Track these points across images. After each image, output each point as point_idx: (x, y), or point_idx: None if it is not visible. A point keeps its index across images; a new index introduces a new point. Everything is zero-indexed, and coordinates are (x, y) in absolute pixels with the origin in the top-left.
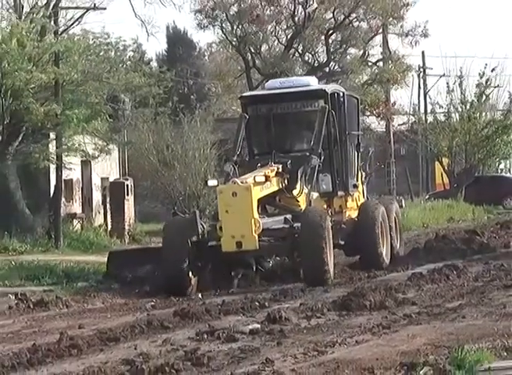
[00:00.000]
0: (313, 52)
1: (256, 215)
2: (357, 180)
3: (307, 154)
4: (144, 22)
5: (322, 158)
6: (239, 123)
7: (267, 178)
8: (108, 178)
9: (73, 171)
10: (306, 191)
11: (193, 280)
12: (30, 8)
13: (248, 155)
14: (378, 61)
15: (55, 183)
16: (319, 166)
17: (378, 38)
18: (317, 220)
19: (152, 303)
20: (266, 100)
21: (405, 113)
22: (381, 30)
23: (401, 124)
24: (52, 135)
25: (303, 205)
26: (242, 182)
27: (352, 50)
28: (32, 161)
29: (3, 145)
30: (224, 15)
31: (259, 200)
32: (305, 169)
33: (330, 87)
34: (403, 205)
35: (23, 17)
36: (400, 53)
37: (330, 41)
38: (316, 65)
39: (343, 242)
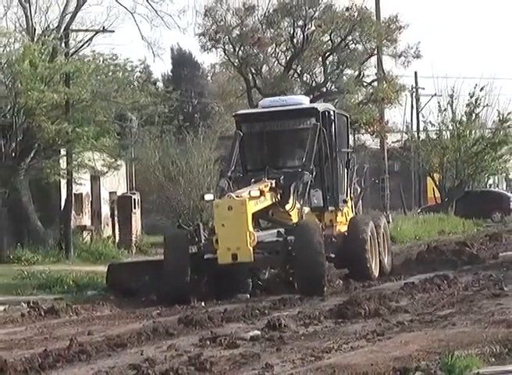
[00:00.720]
0: (311, 73)
1: (251, 228)
2: (347, 196)
3: (300, 170)
4: (151, 44)
5: (314, 174)
6: (233, 141)
7: (261, 193)
8: (116, 192)
9: (83, 186)
10: (298, 205)
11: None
12: (42, 31)
13: (242, 171)
14: (372, 81)
15: (65, 197)
16: (311, 181)
17: (373, 60)
18: (312, 233)
19: (158, 311)
20: (260, 118)
21: (398, 131)
22: (375, 52)
23: (395, 142)
24: (63, 152)
25: (295, 219)
26: (237, 196)
27: (348, 71)
28: (43, 176)
29: (16, 161)
30: (226, 38)
31: (253, 214)
32: (297, 184)
33: (321, 106)
34: (391, 220)
35: (36, 39)
36: (394, 74)
37: (327, 62)
38: (314, 85)
39: (333, 255)
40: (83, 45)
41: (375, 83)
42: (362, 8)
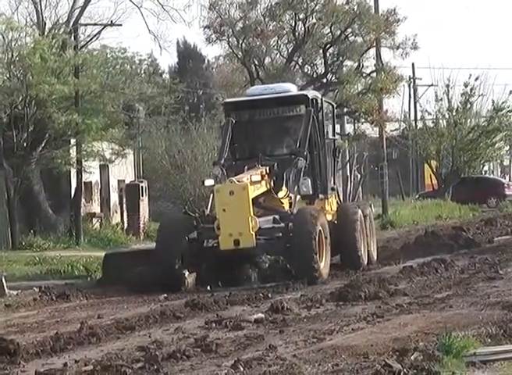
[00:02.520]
0: (312, 64)
1: (252, 213)
2: (334, 184)
3: (293, 156)
4: (157, 37)
5: (308, 160)
6: (225, 128)
7: (262, 177)
8: (124, 180)
9: (92, 174)
10: (292, 192)
11: (191, 277)
12: (52, 25)
13: (231, 159)
14: (371, 72)
15: (75, 185)
16: (305, 167)
17: (372, 51)
18: (308, 219)
19: (165, 295)
20: (249, 106)
21: (397, 120)
22: (374, 44)
23: (393, 130)
24: (73, 141)
25: (287, 207)
26: (238, 181)
27: (348, 62)
28: (54, 165)
29: (28, 151)
30: (230, 30)
31: (252, 200)
32: (291, 171)
33: (311, 93)
34: (373, 209)
35: (46, 33)
36: (392, 65)
37: (328, 54)
38: (315, 76)
39: None
40: (91, 39)
41: (374, 74)
42: (361, 1)
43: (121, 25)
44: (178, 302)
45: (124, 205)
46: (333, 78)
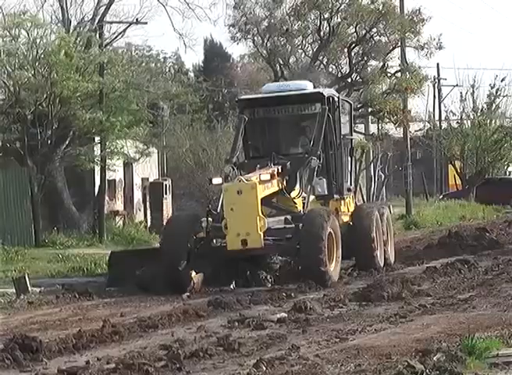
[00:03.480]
0: (336, 64)
1: (261, 213)
2: (351, 185)
3: (307, 155)
4: (182, 35)
5: (322, 160)
6: (237, 125)
7: (272, 177)
8: (148, 178)
9: (116, 172)
10: (306, 192)
11: (198, 277)
12: (77, 23)
13: (245, 157)
14: (396, 72)
15: (99, 183)
16: (319, 167)
17: (397, 51)
18: (318, 220)
19: (188, 294)
20: (263, 103)
21: (421, 120)
22: (399, 44)
23: (417, 130)
24: (97, 139)
25: (300, 207)
26: (247, 180)
27: (372, 62)
28: (78, 163)
29: (52, 148)
30: (255, 29)
31: (261, 199)
32: (305, 170)
33: (326, 91)
34: (392, 211)
35: (71, 31)
36: (417, 65)
37: (352, 53)
38: (339, 76)
39: None
40: (116, 37)
41: (399, 74)
42: (386, 1)
43: (146, 23)
44: (201, 301)
45: (148, 204)
46: (358, 78)
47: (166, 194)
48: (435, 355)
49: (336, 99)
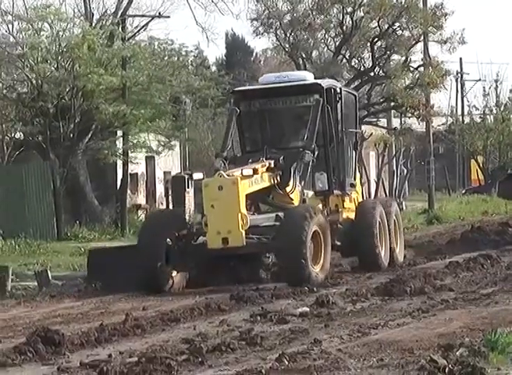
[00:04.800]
0: (359, 58)
1: (243, 210)
2: (355, 180)
3: (301, 149)
4: (205, 29)
5: (316, 154)
6: (229, 118)
7: (255, 171)
8: (170, 172)
9: (138, 165)
10: (299, 187)
11: (180, 277)
12: (100, 16)
13: (241, 151)
14: (419, 66)
15: (121, 176)
16: (313, 161)
17: (419, 45)
18: (298, 220)
19: (210, 288)
20: (259, 95)
21: (443, 115)
22: (422, 38)
23: (440, 125)
24: (119, 133)
25: (296, 203)
26: (228, 175)
27: (395, 56)
28: (101, 156)
29: (74, 142)
30: (278, 23)
31: (248, 195)
32: (298, 165)
33: (326, 82)
34: (404, 207)
35: (94, 24)
36: (439, 59)
37: (375, 47)
38: (362, 70)
39: (339, 243)
40: (139, 30)
41: (421, 69)
42: None
43: (169, 17)
44: (223, 295)
45: (170, 197)
46: (381, 72)
47: (188, 187)
48: (457, 350)
49: (338, 91)
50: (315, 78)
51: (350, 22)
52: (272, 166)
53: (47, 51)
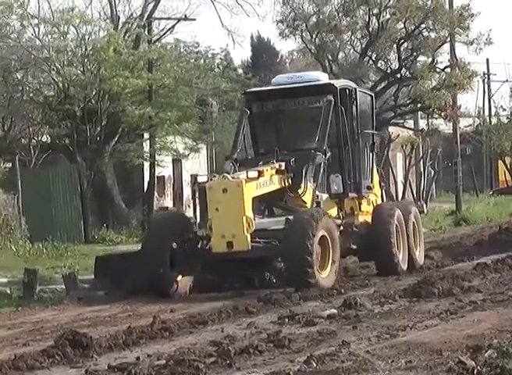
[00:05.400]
0: (385, 60)
1: (248, 213)
2: (372, 182)
3: (312, 151)
4: (231, 31)
5: (328, 155)
6: (239, 120)
7: (260, 174)
8: (196, 175)
9: (165, 168)
10: (311, 190)
11: (185, 281)
12: (126, 19)
13: (254, 153)
14: (445, 67)
15: (148, 179)
16: (325, 163)
17: (446, 46)
18: (305, 223)
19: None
20: (272, 96)
21: (470, 116)
22: (448, 39)
23: (467, 126)
24: (146, 135)
25: (309, 206)
26: (233, 178)
27: (422, 57)
28: (127, 159)
29: (101, 145)
30: (304, 25)
31: (259, 199)
32: (309, 167)
33: (340, 82)
34: (425, 210)
35: (120, 27)
36: (466, 60)
37: (401, 49)
38: (388, 71)
39: (354, 246)
40: (165, 33)
41: (448, 70)
42: None
43: (195, 19)
44: (251, 297)
45: (197, 200)
46: (407, 73)
47: None
48: (486, 352)
49: (353, 91)
50: (330, 78)
51: (376, 23)
52: (283, 168)
53: (73, 55)
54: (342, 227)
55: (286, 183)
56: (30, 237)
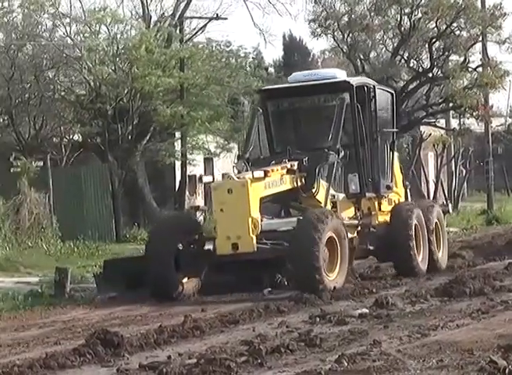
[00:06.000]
0: (417, 59)
1: (254, 214)
2: (392, 181)
3: (325, 150)
4: (262, 31)
5: (341, 154)
6: (251, 118)
7: (266, 174)
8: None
9: (197, 167)
10: (324, 190)
11: (191, 283)
12: (158, 18)
13: (269, 152)
14: (477, 67)
15: (179, 178)
16: (338, 163)
17: (478, 46)
18: (311, 224)
19: (269, 289)
20: (287, 94)
21: (502, 115)
22: (480, 39)
23: (499, 125)
24: (178, 134)
25: (323, 206)
26: (239, 178)
27: (453, 57)
28: (159, 158)
29: (132, 143)
30: (336, 24)
31: (266, 198)
32: (322, 166)
33: (356, 80)
34: (451, 210)
35: (151, 26)
36: (498, 59)
37: (433, 48)
38: (420, 70)
39: (371, 247)
40: (197, 32)
41: (480, 69)
42: None
43: (226, 18)
44: (282, 296)
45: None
46: (439, 73)
47: None
48: None
49: (372, 88)
50: (347, 76)
51: (408, 23)
52: (295, 167)
53: (104, 53)
54: (359, 228)
55: (299, 183)
56: (62, 235)
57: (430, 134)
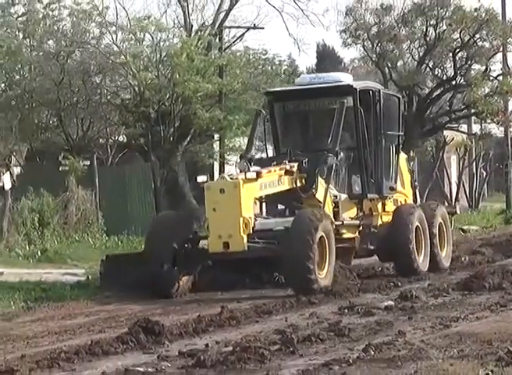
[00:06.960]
0: (442, 67)
1: (246, 213)
2: (396, 183)
3: (325, 152)
4: (296, 40)
5: (340, 157)
6: (254, 120)
7: (258, 175)
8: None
9: (234, 167)
10: (323, 190)
11: (187, 280)
12: (198, 27)
13: (275, 152)
14: (498, 76)
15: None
16: (337, 165)
17: (499, 56)
18: (305, 223)
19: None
20: (292, 96)
21: None
22: (501, 49)
23: None
24: (216, 137)
25: (323, 206)
26: (232, 178)
27: (476, 66)
28: (198, 159)
29: (174, 145)
30: (365, 34)
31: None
32: (321, 168)
33: (360, 84)
34: (458, 211)
35: (192, 35)
36: None
37: (457, 57)
38: (444, 78)
39: (372, 247)
40: (235, 41)
41: (500, 78)
42: (489, 8)
43: (263, 28)
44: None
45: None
46: (462, 81)
47: None
48: None
49: (377, 93)
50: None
51: (434, 33)
52: (295, 168)
53: (148, 60)
54: (360, 228)
55: (299, 184)
56: (107, 230)
57: (453, 138)
